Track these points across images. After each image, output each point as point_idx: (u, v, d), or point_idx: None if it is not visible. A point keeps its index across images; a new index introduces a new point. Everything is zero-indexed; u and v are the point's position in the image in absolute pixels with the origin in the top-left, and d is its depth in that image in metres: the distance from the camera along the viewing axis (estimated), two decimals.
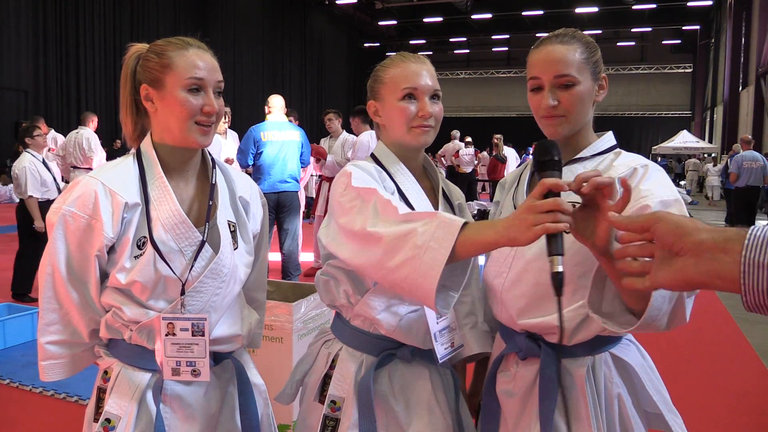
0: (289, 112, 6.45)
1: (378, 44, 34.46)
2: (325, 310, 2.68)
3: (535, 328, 1.32)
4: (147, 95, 1.31)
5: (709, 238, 0.80)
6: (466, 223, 1.08)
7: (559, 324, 1.00)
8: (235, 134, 7.18)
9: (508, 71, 35.66)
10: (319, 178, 7.13)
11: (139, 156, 1.35)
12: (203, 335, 1.30)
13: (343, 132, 6.64)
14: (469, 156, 12.19)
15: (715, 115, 27.92)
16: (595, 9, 26.52)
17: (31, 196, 5.29)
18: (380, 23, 32.09)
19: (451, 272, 1.13)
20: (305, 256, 6.74)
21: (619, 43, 32.12)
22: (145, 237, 1.28)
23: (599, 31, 27.51)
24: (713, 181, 17.22)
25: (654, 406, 1.33)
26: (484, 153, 14.58)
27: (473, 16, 29.98)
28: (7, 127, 14.95)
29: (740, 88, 22.07)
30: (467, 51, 36.50)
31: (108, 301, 1.31)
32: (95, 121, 7.65)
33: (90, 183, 1.28)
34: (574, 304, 1.25)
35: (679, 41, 32.85)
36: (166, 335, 1.29)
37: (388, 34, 35.12)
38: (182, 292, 1.29)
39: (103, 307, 1.33)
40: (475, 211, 8.64)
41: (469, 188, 12.07)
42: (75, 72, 17.25)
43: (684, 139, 23.87)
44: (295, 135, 5.55)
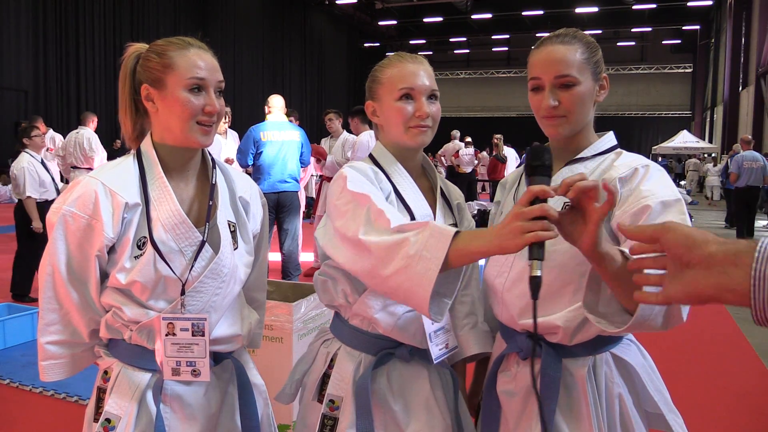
0: (290, 112, 6.44)
1: (378, 44, 34.44)
2: (324, 310, 2.68)
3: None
4: (148, 95, 1.31)
5: (719, 251, 0.78)
6: (458, 232, 1.09)
7: (534, 329, 1.02)
8: (235, 134, 7.18)
9: (508, 71, 35.66)
10: (320, 178, 7.13)
11: (140, 156, 1.35)
12: (203, 335, 1.30)
13: (344, 132, 6.63)
14: (469, 156, 12.19)
15: (715, 115, 27.91)
16: (595, 9, 26.50)
17: (29, 197, 5.27)
18: (380, 23, 32.07)
19: (444, 279, 1.13)
20: (305, 256, 6.74)
21: (619, 43, 32.10)
22: (145, 237, 1.28)
23: (599, 31, 27.47)
24: (713, 181, 17.23)
25: (655, 406, 1.34)
26: (484, 153, 14.59)
27: (473, 16, 29.95)
28: (7, 127, 14.92)
29: (740, 88, 22.06)
30: (467, 51, 36.47)
31: (108, 301, 1.31)
32: (95, 121, 7.65)
33: (90, 183, 1.28)
34: (575, 304, 1.25)
35: (679, 41, 32.84)
36: (166, 335, 1.29)
37: (388, 34, 35.10)
38: (182, 292, 1.29)
39: (103, 307, 1.33)
40: (475, 211, 8.65)
41: (469, 188, 12.06)
42: (75, 72, 17.24)
43: (684, 139, 23.86)
44: (295, 135, 5.54)
